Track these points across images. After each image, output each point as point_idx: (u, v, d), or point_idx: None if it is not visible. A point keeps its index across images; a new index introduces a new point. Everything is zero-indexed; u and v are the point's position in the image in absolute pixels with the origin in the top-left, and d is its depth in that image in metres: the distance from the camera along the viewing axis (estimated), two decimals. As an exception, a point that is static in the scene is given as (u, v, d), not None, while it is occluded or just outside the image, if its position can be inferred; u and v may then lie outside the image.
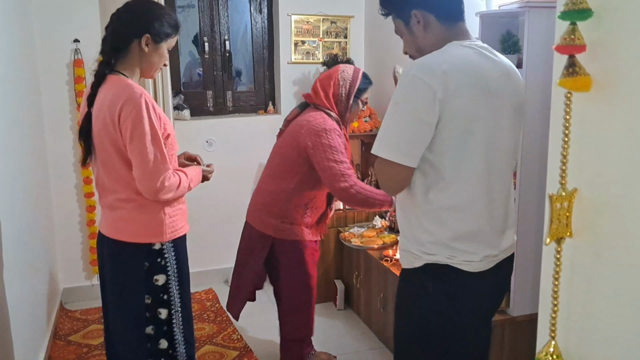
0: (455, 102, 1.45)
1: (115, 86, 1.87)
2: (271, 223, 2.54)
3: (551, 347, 0.85)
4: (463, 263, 1.55)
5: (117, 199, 1.93)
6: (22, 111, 2.80)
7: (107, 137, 1.86)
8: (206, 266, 3.84)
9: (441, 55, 1.52)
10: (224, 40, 3.91)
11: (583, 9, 0.77)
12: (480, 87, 1.48)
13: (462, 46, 1.54)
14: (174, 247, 1.97)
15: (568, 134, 0.82)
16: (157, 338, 1.99)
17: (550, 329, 0.85)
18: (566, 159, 0.83)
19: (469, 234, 1.54)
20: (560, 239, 0.85)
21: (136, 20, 1.92)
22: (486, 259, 1.57)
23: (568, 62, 0.80)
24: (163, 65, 2.00)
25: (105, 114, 1.84)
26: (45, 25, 3.35)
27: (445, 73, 1.44)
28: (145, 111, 1.81)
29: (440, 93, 1.43)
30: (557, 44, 0.81)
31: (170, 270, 1.97)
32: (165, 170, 1.85)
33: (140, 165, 1.83)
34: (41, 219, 3.09)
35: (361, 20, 4.05)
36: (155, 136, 1.83)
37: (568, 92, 0.81)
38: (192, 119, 3.82)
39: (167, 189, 1.87)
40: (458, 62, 1.49)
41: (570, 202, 0.83)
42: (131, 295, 1.95)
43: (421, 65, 1.48)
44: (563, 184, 0.83)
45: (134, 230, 1.93)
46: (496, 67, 1.54)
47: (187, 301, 2.04)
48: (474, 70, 1.49)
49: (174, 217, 1.97)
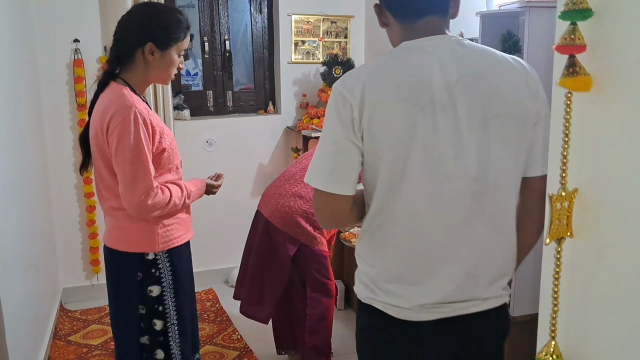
0: (376, 122, 1.22)
1: (110, 94, 1.80)
2: (307, 230, 2.57)
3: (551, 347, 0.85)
4: (388, 307, 1.32)
5: (111, 207, 1.89)
6: (22, 111, 2.80)
7: (97, 146, 1.81)
8: (206, 266, 3.85)
9: (372, 63, 1.30)
10: (224, 40, 3.91)
11: (583, 9, 0.77)
12: (411, 100, 1.21)
13: (404, 49, 1.29)
14: (169, 257, 1.90)
15: (568, 134, 0.82)
16: (153, 348, 1.94)
17: (550, 329, 0.85)
18: (566, 159, 0.83)
19: (400, 275, 1.30)
20: (561, 239, 0.84)
21: (138, 28, 1.83)
22: (422, 308, 1.29)
23: (568, 62, 0.80)
24: (178, 69, 1.91)
25: (97, 123, 1.79)
26: (45, 25, 3.35)
27: (365, 85, 1.23)
28: (132, 125, 1.72)
29: (357, 111, 1.22)
30: (557, 43, 0.81)
31: (165, 281, 1.90)
32: (147, 188, 1.76)
33: (122, 182, 1.77)
34: (41, 219, 3.09)
35: (361, 20, 4.05)
36: (141, 152, 1.74)
37: (568, 92, 0.81)
38: (192, 119, 3.83)
39: (152, 207, 1.78)
40: (384, 72, 1.25)
41: (570, 202, 0.83)
42: (124, 304, 1.92)
43: (345, 76, 1.29)
44: (563, 184, 0.83)
45: (126, 239, 1.89)
46: (452, 70, 1.24)
47: (184, 313, 1.96)
48: (405, 79, 1.23)
49: (170, 226, 1.91)
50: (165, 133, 1.86)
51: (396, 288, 1.31)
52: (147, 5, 1.95)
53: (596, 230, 0.84)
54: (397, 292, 1.31)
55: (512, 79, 1.27)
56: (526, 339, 2.37)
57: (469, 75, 1.24)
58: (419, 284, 1.30)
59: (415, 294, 1.29)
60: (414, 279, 1.30)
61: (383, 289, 1.32)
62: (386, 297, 1.32)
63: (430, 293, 1.29)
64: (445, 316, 1.31)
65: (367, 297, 1.36)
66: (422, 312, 1.30)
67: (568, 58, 0.80)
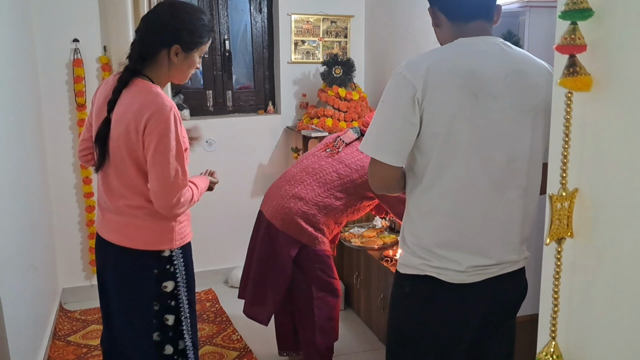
0: (435, 102, 1.41)
1: (144, 93, 1.79)
2: (308, 231, 2.56)
3: (551, 347, 0.85)
4: (442, 273, 1.50)
5: (127, 205, 1.88)
6: (21, 111, 2.80)
7: (126, 144, 1.80)
8: (206, 266, 3.84)
9: (432, 53, 1.49)
10: (224, 40, 3.91)
11: (583, 9, 0.77)
12: (468, 87, 1.41)
13: (462, 44, 1.48)
14: (182, 253, 1.95)
15: (568, 133, 0.82)
16: (163, 344, 1.96)
17: (550, 329, 0.85)
18: (567, 159, 0.83)
19: (451, 241, 1.49)
20: (561, 239, 0.84)
21: (165, 29, 1.81)
22: (473, 270, 1.50)
23: (569, 61, 0.80)
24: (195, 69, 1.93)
25: (130, 121, 1.77)
26: (45, 25, 3.35)
27: (428, 71, 1.41)
28: (173, 126, 1.76)
29: (420, 92, 1.40)
30: (557, 43, 0.80)
31: (179, 276, 1.94)
32: (184, 186, 1.82)
33: (160, 179, 1.78)
34: (41, 219, 3.09)
35: (361, 20, 4.05)
36: (180, 152, 1.78)
37: (568, 91, 0.81)
38: (192, 118, 3.82)
39: (182, 205, 1.83)
40: (445, 60, 1.45)
41: (570, 202, 0.83)
42: (140, 302, 1.92)
43: (408, 62, 1.46)
44: (563, 184, 0.83)
45: (144, 237, 1.89)
46: (502, 66, 1.45)
47: (194, 306, 2.02)
48: (463, 68, 1.43)
49: (183, 223, 1.95)
50: (185, 134, 1.89)
51: (449, 253, 1.49)
52: (173, 6, 1.89)
53: (596, 230, 0.84)
54: (450, 257, 1.49)
55: (545, 79, 1.49)
56: (526, 339, 2.37)
57: (514, 72, 1.46)
58: (470, 247, 1.49)
59: (466, 258, 1.49)
60: (465, 244, 1.49)
61: (437, 254, 1.50)
62: (440, 262, 1.50)
63: (480, 256, 1.49)
64: (491, 276, 1.52)
65: (420, 264, 1.52)
66: (474, 274, 1.50)
67: (568, 58, 0.80)
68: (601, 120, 0.82)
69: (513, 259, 1.55)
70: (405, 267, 1.58)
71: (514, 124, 1.46)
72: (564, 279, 0.85)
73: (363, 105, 3.76)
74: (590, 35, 0.80)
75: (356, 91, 3.79)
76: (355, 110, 3.70)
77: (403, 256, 1.60)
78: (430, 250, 1.51)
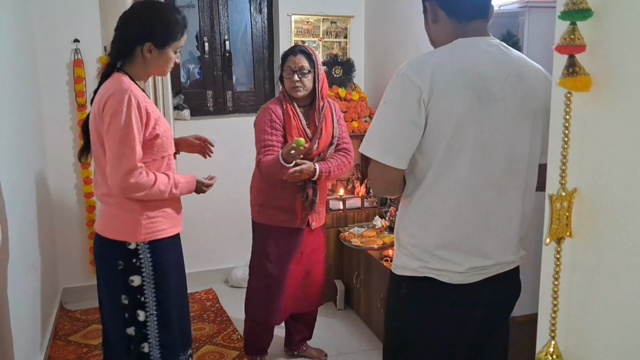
0: (441, 104, 1.39)
1: (110, 81, 1.88)
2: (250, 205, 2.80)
3: (551, 347, 0.85)
4: (441, 274, 1.49)
5: (102, 194, 1.95)
6: (22, 111, 2.80)
7: (95, 128, 1.89)
8: (206, 266, 3.84)
9: (436, 53, 1.48)
10: (224, 40, 3.91)
11: (583, 9, 0.77)
12: (473, 88, 1.40)
13: (464, 45, 1.47)
14: (150, 248, 1.92)
15: (568, 133, 0.82)
16: (139, 341, 1.95)
17: (550, 329, 0.85)
18: (566, 159, 0.83)
19: (452, 242, 1.48)
20: (560, 239, 0.84)
21: (139, 26, 1.90)
22: (472, 271, 1.50)
23: (568, 62, 0.80)
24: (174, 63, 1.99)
25: (95, 106, 1.88)
26: (45, 25, 3.35)
27: (433, 72, 1.39)
28: (125, 106, 1.79)
29: (426, 93, 1.38)
30: (557, 43, 0.81)
31: (145, 271, 1.92)
32: (131, 166, 1.82)
33: (109, 160, 1.84)
34: (41, 219, 3.09)
35: (361, 20, 4.05)
36: (130, 133, 1.80)
37: (568, 92, 0.81)
38: (192, 119, 3.82)
39: (134, 186, 1.83)
40: (450, 62, 1.43)
41: (570, 202, 0.83)
42: (112, 293, 1.96)
43: (411, 63, 1.44)
44: (563, 184, 0.83)
45: (112, 226, 1.93)
46: (503, 68, 1.45)
47: (167, 306, 1.97)
48: (468, 70, 1.42)
49: (154, 218, 1.93)
50: (160, 121, 1.92)
51: (449, 255, 1.48)
52: (147, 4, 1.98)
53: (596, 230, 0.84)
54: (450, 259, 1.48)
55: (542, 82, 1.49)
56: (526, 339, 2.37)
57: (515, 74, 1.46)
58: (470, 249, 1.48)
59: (466, 259, 1.48)
60: (466, 246, 1.48)
61: (437, 256, 1.49)
62: (440, 264, 1.49)
63: (480, 257, 1.49)
64: (488, 276, 1.52)
65: (419, 267, 1.51)
66: (473, 275, 1.50)
67: (568, 58, 0.80)
68: (600, 120, 0.82)
69: (511, 259, 1.56)
70: (402, 269, 1.57)
71: (515, 126, 1.46)
72: (564, 279, 0.86)
73: (363, 105, 3.76)
74: (589, 36, 0.80)
75: (356, 91, 3.79)
76: (355, 110, 3.71)
77: (399, 258, 1.58)
78: (430, 252, 1.49)
